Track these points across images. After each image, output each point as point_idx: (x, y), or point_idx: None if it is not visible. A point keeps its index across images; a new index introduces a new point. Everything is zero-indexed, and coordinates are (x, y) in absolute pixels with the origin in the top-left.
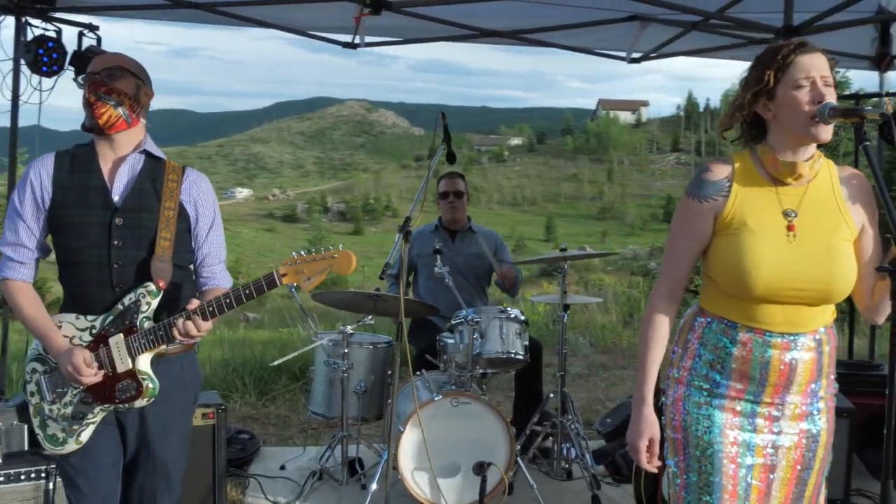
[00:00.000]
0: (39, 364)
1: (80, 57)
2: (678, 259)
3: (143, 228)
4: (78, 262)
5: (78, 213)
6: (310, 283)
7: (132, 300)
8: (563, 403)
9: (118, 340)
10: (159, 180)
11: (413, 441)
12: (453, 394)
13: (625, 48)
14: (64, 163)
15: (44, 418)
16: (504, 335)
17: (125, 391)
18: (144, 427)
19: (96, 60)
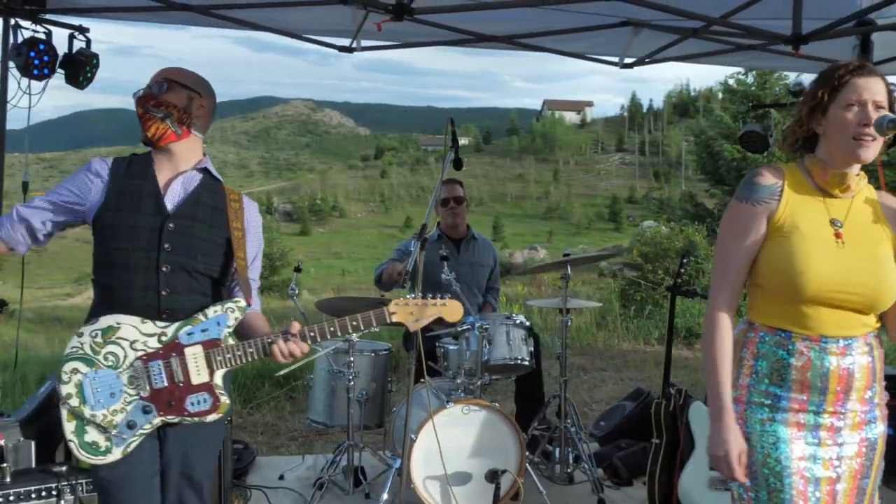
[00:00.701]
0: (83, 364)
1: (72, 60)
2: (732, 264)
3: (195, 238)
4: (123, 264)
5: (129, 215)
6: (417, 323)
7: (217, 313)
8: (563, 407)
9: (196, 352)
10: (220, 199)
11: (425, 449)
12: (465, 401)
13: (618, 53)
14: (120, 167)
15: (83, 424)
16: (511, 341)
17: (199, 404)
18: (185, 441)
19: (153, 76)
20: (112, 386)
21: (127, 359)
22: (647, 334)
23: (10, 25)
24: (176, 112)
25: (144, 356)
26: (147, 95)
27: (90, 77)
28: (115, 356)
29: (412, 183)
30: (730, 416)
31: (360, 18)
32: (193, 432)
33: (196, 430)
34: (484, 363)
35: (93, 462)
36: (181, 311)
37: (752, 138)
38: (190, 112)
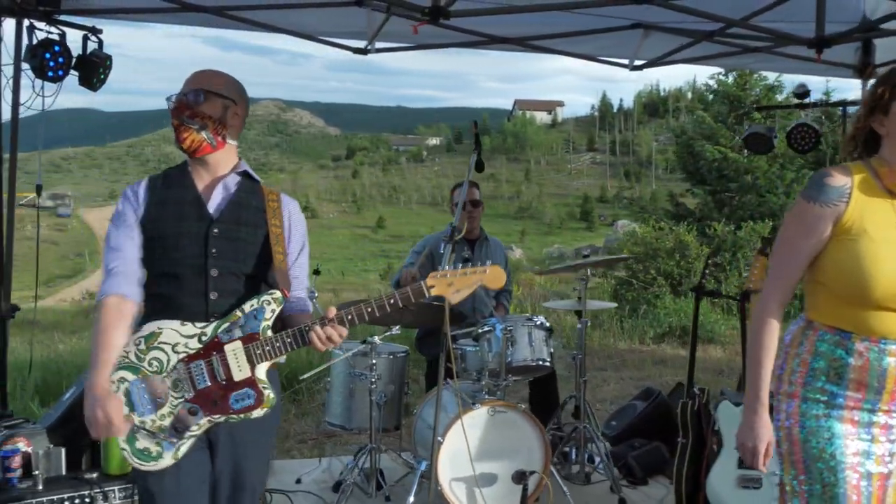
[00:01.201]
0: (130, 372)
1: (85, 61)
2: (793, 263)
3: (241, 241)
4: (173, 271)
5: (173, 224)
6: (458, 295)
7: (254, 307)
8: (583, 408)
9: (236, 348)
10: (259, 200)
11: (451, 451)
12: (491, 403)
13: (628, 56)
14: (157, 183)
15: (133, 431)
16: (533, 343)
17: (243, 400)
18: (236, 446)
19: (187, 81)
20: (158, 391)
21: (170, 362)
22: (643, 334)
23: (23, 26)
24: (212, 123)
25: (186, 358)
26: (182, 105)
27: (103, 79)
28: (159, 361)
29: (384, 183)
30: (764, 410)
31: (377, 20)
32: (242, 435)
33: (245, 431)
34: (506, 364)
35: (146, 468)
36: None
37: (756, 139)
38: (225, 122)
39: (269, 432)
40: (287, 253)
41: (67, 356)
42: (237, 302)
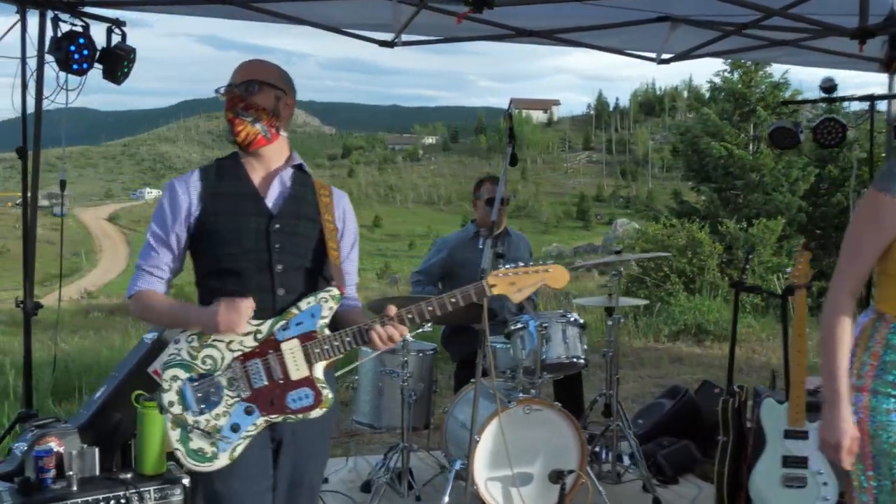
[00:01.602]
0: (182, 370)
1: (110, 54)
2: (864, 254)
3: (301, 236)
4: (235, 268)
5: (231, 219)
6: (520, 294)
7: (311, 304)
8: (615, 406)
9: (293, 346)
10: (312, 194)
11: (487, 450)
12: (526, 401)
13: (654, 49)
14: (209, 175)
15: (187, 431)
16: (567, 339)
17: (300, 400)
18: (298, 446)
19: (237, 71)
20: (213, 389)
21: (224, 360)
22: (658, 331)
23: (47, 18)
24: (266, 115)
25: (242, 356)
26: (236, 97)
27: (127, 72)
28: (212, 359)
29: (380, 182)
30: (846, 405)
31: (403, 13)
32: (303, 435)
33: (305, 432)
34: (541, 362)
35: (200, 469)
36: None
37: (781, 134)
38: (278, 114)
39: (328, 432)
40: (340, 248)
41: (74, 354)
42: (298, 298)
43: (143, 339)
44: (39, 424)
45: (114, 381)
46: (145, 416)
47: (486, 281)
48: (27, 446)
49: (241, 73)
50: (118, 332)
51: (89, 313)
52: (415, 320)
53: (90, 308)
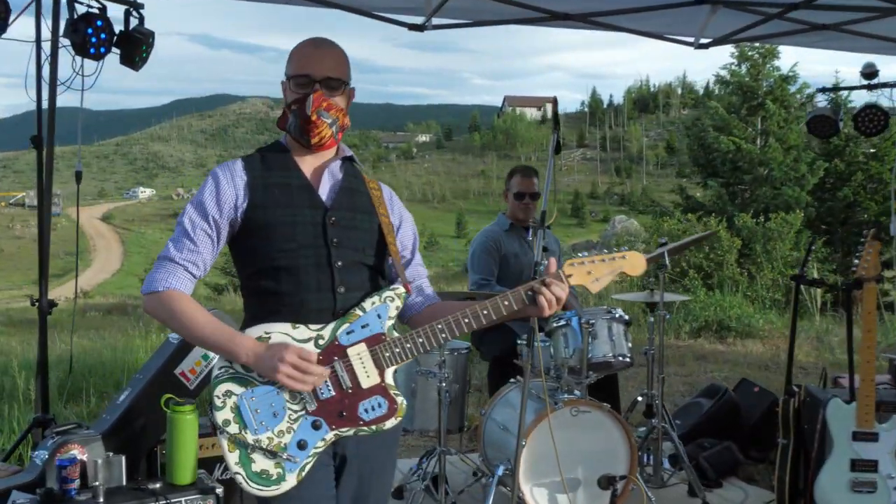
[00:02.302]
0: (237, 385)
1: (128, 38)
2: None
3: (358, 230)
4: (289, 265)
5: (283, 212)
6: (597, 284)
7: (376, 305)
8: (660, 407)
9: (361, 351)
10: (364, 186)
11: (531, 455)
12: (574, 402)
13: (693, 34)
14: (254, 165)
15: (247, 452)
16: (613, 337)
17: (374, 410)
18: (363, 461)
19: (310, 58)
20: (273, 404)
21: None
22: (678, 328)
23: None
24: (342, 116)
25: None
26: (321, 96)
27: (145, 57)
28: None
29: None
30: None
31: None
32: (370, 448)
33: (372, 444)
34: None
35: (265, 494)
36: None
37: (820, 123)
38: (346, 112)
39: (395, 443)
40: (402, 244)
41: (78, 355)
42: (363, 297)
43: (169, 339)
44: (60, 431)
45: (139, 383)
46: (176, 421)
47: (562, 270)
48: (48, 454)
49: (319, 63)
50: (117, 332)
51: (86, 313)
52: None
53: (86, 308)
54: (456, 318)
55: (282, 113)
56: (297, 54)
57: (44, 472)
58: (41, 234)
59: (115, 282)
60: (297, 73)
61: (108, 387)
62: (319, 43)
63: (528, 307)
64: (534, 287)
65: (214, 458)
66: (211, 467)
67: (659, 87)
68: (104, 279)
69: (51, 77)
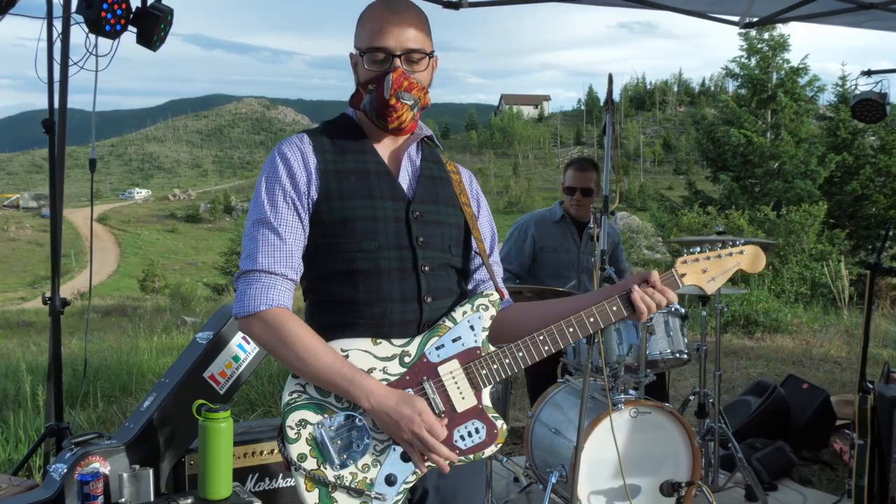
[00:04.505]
0: (313, 412)
1: (145, 15)
2: None
3: (444, 225)
4: (369, 269)
5: (360, 204)
6: (713, 284)
7: (467, 315)
8: (717, 406)
9: (454, 369)
10: (446, 172)
11: (588, 459)
12: (633, 403)
13: (739, 13)
14: (324, 143)
15: (328, 490)
16: (671, 333)
17: (471, 437)
18: (448, 496)
19: (388, 25)
20: (356, 433)
21: None
22: (705, 323)
23: None
24: (423, 95)
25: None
26: (401, 74)
27: (163, 36)
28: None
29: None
30: None
31: None
32: (453, 481)
33: (454, 474)
34: None
35: None
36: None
37: (867, 107)
38: (428, 88)
39: (483, 470)
40: (483, 238)
41: (82, 358)
42: (451, 306)
43: (196, 339)
44: (79, 441)
45: (164, 388)
46: (209, 429)
47: (675, 270)
48: (67, 468)
49: (399, 32)
50: (118, 334)
51: (84, 315)
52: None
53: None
54: (560, 329)
55: (355, 92)
56: (369, 20)
57: (62, 489)
58: (53, 225)
59: (111, 283)
60: (373, 46)
61: (115, 391)
62: (396, 5)
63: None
64: (633, 290)
65: (247, 468)
66: (244, 478)
67: (655, 84)
68: (101, 281)
69: (62, 56)
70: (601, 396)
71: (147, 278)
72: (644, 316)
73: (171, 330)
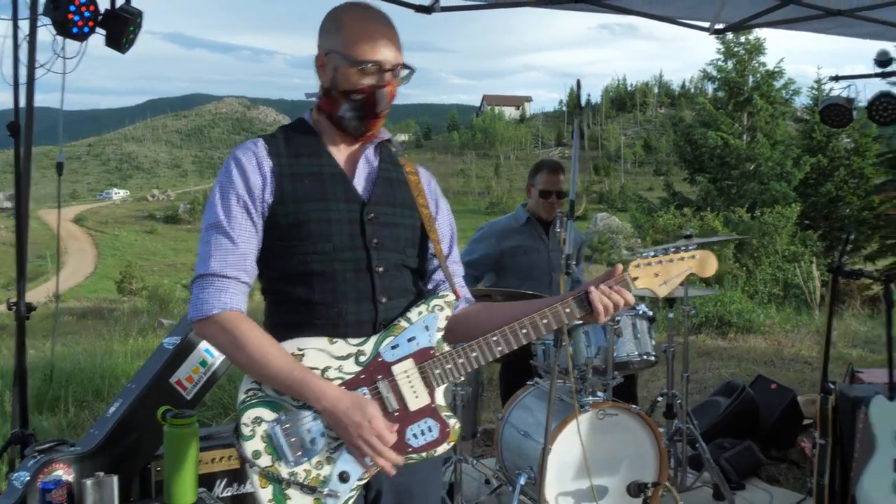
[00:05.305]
0: (268, 409)
1: (114, 17)
2: None
3: (400, 227)
4: (324, 270)
5: (316, 206)
6: (665, 287)
7: (422, 315)
8: (685, 407)
9: (408, 368)
10: (402, 174)
11: (556, 461)
12: (602, 404)
13: (709, 18)
14: (279, 147)
15: (282, 488)
16: (639, 335)
17: (423, 435)
18: (403, 495)
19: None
20: (311, 430)
21: None
22: (678, 324)
23: None
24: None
25: (343, 386)
26: (392, 88)
27: (132, 38)
28: None
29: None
30: None
31: None
32: (409, 479)
33: (411, 474)
34: None
35: None
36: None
37: (834, 112)
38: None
39: (438, 469)
40: (441, 239)
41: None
42: (405, 306)
43: (163, 344)
44: (42, 448)
45: (130, 394)
46: (175, 436)
47: (627, 273)
48: (30, 476)
49: (390, 46)
50: (93, 337)
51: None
52: (546, 327)
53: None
54: (513, 329)
55: (326, 96)
56: (356, 30)
57: (25, 497)
58: (19, 231)
59: (88, 285)
60: (367, 59)
61: (88, 395)
62: (382, 16)
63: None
64: (590, 291)
65: (216, 473)
66: (212, 483)
67: (636, 86)
68: (77, 282)
69: (28, 59)
70: (569, 399)
71: (124, 280)
72: (601, 316)
73: (147, 332)
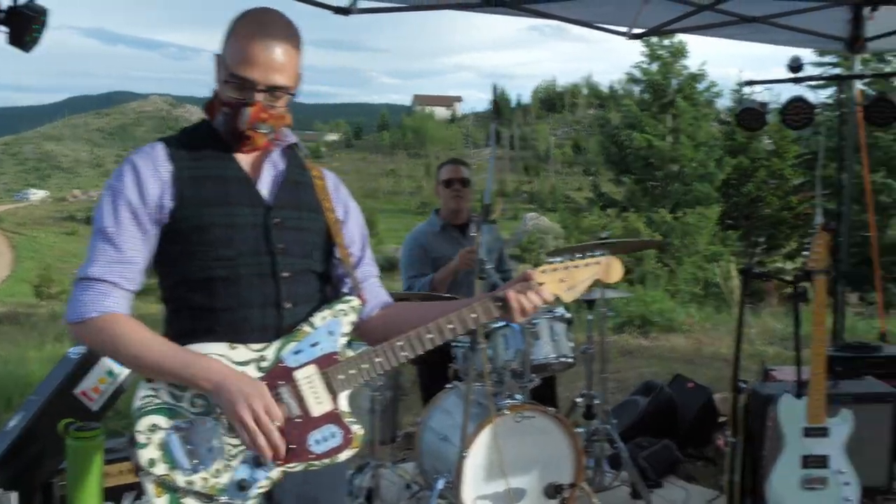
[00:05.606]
0: (164, 416)
1: (17, 15)
2: None
3: (306, 231)
4: (227, 276)
5: (219, 211)
6: (572, 293)
7: (326, 320)
8: (603, 407)
9: (310, 374)
10: (308, 178)
11: (474, 465)
12: (519, 407)
13: (627, 23)
14: (180, 150)
15: (178, 496)
16: (556, 337)
17: (325, 441)
18: (308, 499)
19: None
20: (209, 438)
21: None
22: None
23: None
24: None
25: None
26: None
27: (37, 37)
28: (204, 399)
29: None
30: None
31: None
32: (312, 486)
33: (315, 480)
34: None
35: None
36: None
37: (750, 116)
38: (286, 110)
39: (343, 478)
40: (349, 243)
41: None
42: (308, 313)
43: (68, 354)
44: None
45: (33, 405)
46: (78, 449)
47: (533, 279)
48: None
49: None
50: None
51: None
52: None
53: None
54: (418, 334)
55: (212, 102)
56: (240, 38)
57: None
58: None
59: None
60: (236, 74)
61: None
62: (270, 30)
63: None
64: (500, 296)
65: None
66: (118, 497)
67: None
68: None
69: None
70: (486, 402)
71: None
72: (517, 314)
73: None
